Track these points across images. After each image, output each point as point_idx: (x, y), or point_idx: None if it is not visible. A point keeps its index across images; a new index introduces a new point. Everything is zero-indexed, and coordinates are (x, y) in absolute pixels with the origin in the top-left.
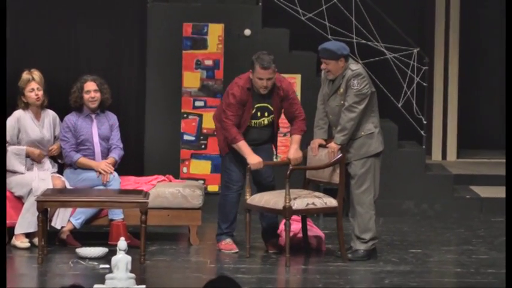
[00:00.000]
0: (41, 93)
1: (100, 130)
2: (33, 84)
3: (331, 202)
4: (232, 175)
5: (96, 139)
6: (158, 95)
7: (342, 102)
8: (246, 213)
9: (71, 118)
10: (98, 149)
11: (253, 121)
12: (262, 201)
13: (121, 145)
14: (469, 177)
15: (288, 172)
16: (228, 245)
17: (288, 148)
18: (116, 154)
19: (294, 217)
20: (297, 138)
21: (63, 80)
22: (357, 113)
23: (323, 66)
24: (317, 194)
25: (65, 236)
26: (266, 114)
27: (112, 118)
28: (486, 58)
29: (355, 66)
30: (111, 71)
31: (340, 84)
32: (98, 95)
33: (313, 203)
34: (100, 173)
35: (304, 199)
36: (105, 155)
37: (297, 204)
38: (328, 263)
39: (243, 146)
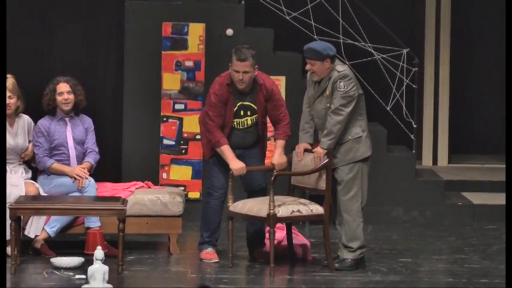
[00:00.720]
0: (13, 101)
1: (74, 134)
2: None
3: (317, 209)
4: (215, 181)
5: (70, 143)
6: (136, 97)
7: (328, 105)
8: (229, 220)
9: (44, 122)
10: (72, 153)
11: (236, 120)
12: (246, 208)
13: (97, 149)
14: (461, 183)
15: (272, 178)
16: (208, 254)
17: (272, 153)
18: (91, 158)
19: (278, 225)
20: (281, 143)
21: (36, 83)
22: (344, 116)
23: (308, 67)
24: (302, 200)
25: (39, 245)
26: (249, 113)
27: (87, 121)
28: (479, 59)
29: (341, 68)
30: (86, 72)
31: (326, 86)
32: (72, 96)
33: (298, 210)
34: (75, 178)
35: (289, 206)
36: (80, 159)
37: (282, 211)
38: (314, 272)
39: (226, 151)
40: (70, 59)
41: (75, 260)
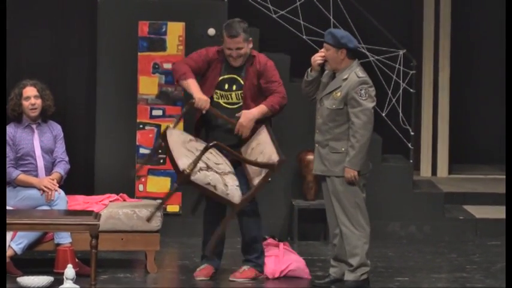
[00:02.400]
0: None
1: (42, 142)
2: None
3: (234, 197)
4: None
5: (38, 152)
6: (110, 102)
7: (335, 106)
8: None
9: (9, 130)
10: (40, 163)
11: (218, 92)
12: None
13: (66, 158)
14: (462, 196)
15: (211, 144)
16: (199, 271)
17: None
18: (60, 168)
19: (270, 240)
20: (262, 107)
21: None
22: (370, 133)
23: (321, 51)
24: (233, 179)
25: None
26: (234, 87)
27: (56, 128)
28: (481, 61)
29: (362, 74)
30: (56, 76)
31: (339, 86)
32: (39, 101)
33: (214, 186)
34: (43, 190)
35: (212, 175)
36: (49, 169)
37: (199, 176)
38: None
39: (192, 84)
40: (38, 62)
41: (43, 280)
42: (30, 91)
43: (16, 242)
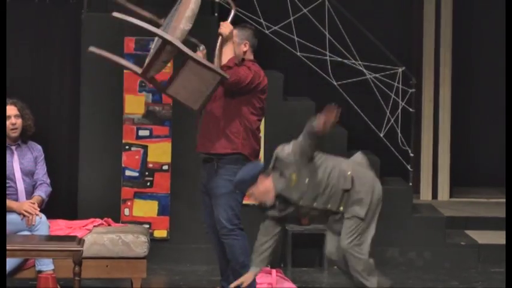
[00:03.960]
0: None
1: (22, 164)
2: None
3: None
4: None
5: (18, 175)
6: (95, 122)
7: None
8: None
9: None
10: (20, 186)
11: None
12: None
13: (48, 181)
14: (464, 220)
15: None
16: None
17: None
18: (42, 191)
19: (265, 269)
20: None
21: None
22: None
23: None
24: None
25: None
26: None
27: (36, 149)
28: (483, 80)
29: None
30: (37, 94)
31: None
32: (19, 121)
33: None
34: (23, 215)
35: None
36: (29, 193)
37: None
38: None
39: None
40: (18, 79)
41: None
42: (10, 110)
43: None
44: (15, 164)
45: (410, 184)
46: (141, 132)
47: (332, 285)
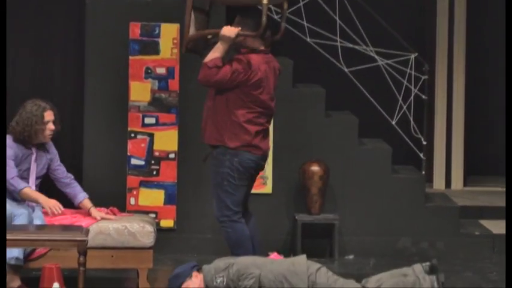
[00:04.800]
0: None
1: (38, 167)
2: None
3: None
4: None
5: (33, 177)
6: (99, 110)
7: None
8: None
9: (13, 148)
10: (32, 187)
11: None
12: None
13: (70, 174)
14: (479, 210)
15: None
16: None
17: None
18: (81, 191)
19: (274, 256)
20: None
21: None
22: None
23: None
24: None
25: (16, 284)
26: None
27: (51, 151)
28: (498, 66)
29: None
30: (40, 82)
31: None
32: (55, 127)
33: None
34: (46, 211)
35: None
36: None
37: None
38: None
39: None
40: (20, 67)
41: None
42: (50, 115)
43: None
44: (32, 167)
45: (423, 173)
46: (147, 120)
47: (343, 275)
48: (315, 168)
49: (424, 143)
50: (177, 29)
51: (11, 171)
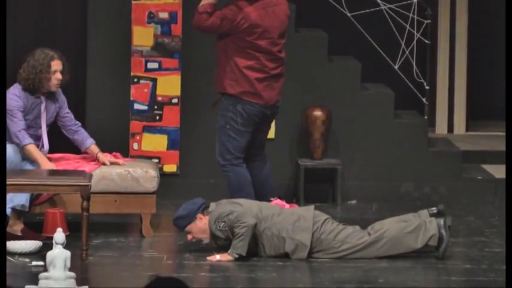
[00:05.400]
0: None
1: (48, 115)
2: None
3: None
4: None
5: (44, 126)
6: (102, 55)
7: None
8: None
9: (20, 95)
10: (45, 137)
11: None
12: None
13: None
14: (481, 154)
15: None
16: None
17: None
18: (88, 137)
19: (277, 202)
20: None
21: None
22: None
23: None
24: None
25: (18, 230)
26: None
27: (60, 99)
28: (502, 9)
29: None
30: (42, 26)
31: None
32: (62, 77)
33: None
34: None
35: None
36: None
37: None
38: (311, 258)
39: None
40: (22, 13)
41: (31, 244)
42: (58, 65)
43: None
44: (42, 114)
45: (426, 117)
46: (150, 65)
47: (346, 220)
48: (318, 113)
49: (427, 87)
50: None
51: (19, 123)
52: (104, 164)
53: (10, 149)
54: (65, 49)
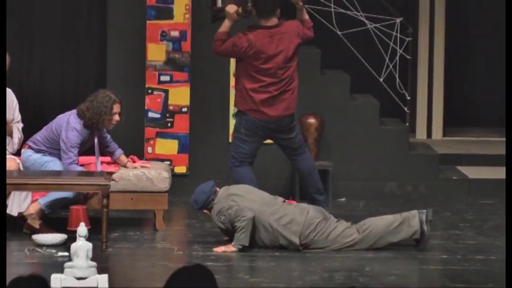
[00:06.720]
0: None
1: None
2: None
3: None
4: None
5: (97, 152)
6: (120, 68)
7: None
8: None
9: (82, 132)
10: (99, 167)
11: None
12: None
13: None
14: (456, 157)
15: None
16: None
17: None
18: (119, 149)
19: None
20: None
21: (16, 57)
22: None
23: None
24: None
25: (36, 224)
26: None
27: (103, 130)
28: (475, 28)
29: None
30: (67, 44)
31: None
32: (120, 118)
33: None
34: None
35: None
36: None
37: None
38: (305, 249)
39: None
40: (49, 30)
41: (58, 237)
42: (118, 108)
43: (43, 200)
44: (96, 148)
45: (407, 124)
46: (163, 78)
47: (336, 215)
48: (312, 120)
49: (408, 97)
50: None
51: (73, 158)
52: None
53: (34, 155)
54: (87, 65)
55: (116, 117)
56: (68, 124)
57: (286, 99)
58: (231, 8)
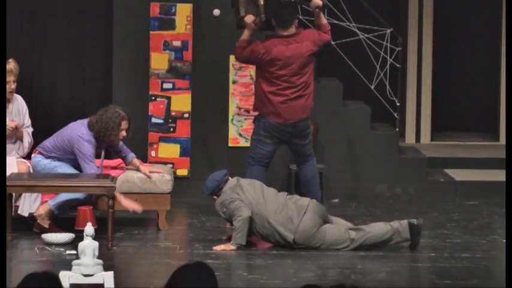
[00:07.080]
0: (14, 85)
1: (103, 155)
2: (10, 76)
3: None
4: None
5: (101, 165)
6: (125, 76)
7: None
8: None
9: (93, 142)
10: (100, 170)
11: None
12: None
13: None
14: (443, 160)
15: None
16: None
17: None
18: (132, 153)
19: None
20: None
21: (26, 63)
22: None
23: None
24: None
25: (46, 224)
26: None
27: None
28: (461, 38)
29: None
30: (75, 53)
31: None
32: (127, 133)
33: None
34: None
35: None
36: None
37: None
38: (299, 246)
39: None
40: (57, 40)
41: (66, 236)
42: (125, 124)
43: (53, 202)
44: (102, 157)
45: (397, 129)
46: (165, 85)
47: (330, 215)
48: None
49: (398, 104)
50: (190, 8)
51: (94, 168)
52: (145, 174)
53: (44, 161)
54: (94, 73)
55: (123, 133)
56: (82, 137)
57: (302, 104)
58: (249, 18)
